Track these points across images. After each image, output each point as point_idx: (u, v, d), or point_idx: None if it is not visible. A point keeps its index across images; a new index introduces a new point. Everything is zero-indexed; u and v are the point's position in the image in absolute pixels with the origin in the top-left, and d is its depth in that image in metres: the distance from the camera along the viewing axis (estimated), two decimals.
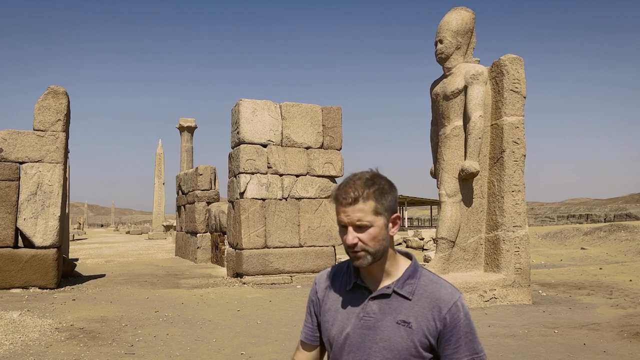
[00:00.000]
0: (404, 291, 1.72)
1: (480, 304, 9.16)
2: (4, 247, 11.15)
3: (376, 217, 1.64)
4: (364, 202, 1.62)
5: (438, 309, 1.67)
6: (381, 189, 1.65)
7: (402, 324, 1.69)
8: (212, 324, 7.71)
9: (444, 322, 1.66)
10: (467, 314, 1.69)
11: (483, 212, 9.97)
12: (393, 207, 1.68)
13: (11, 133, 11.57)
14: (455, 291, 1.71)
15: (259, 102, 13.44)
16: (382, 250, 1.68)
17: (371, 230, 1.64)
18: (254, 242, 12.85)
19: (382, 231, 1.65)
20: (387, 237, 1.69)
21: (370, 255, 1.66)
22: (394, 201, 1.68)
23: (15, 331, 6.91)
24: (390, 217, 1.68)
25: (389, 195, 1.66)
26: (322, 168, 13.79)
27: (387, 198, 1.65)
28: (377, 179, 1.68)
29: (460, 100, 9.72)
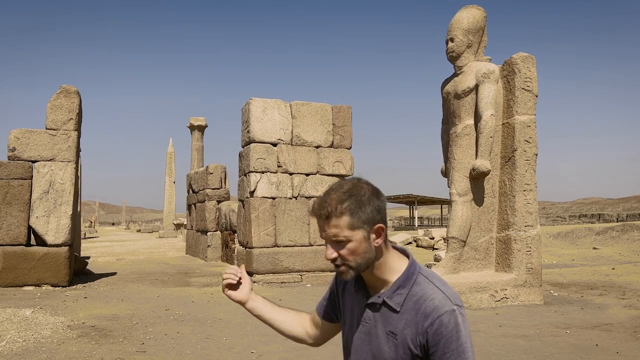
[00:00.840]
0: (392, 302, 1.66)
1: (492, 304, 9.11)
2: (16, 245, 11.24)
3: (352, 232, 1.58)
4: (337, 218, 1.57)
5: (422, 322, 1.60)
6: (358, 202, 1.58)
7: (390, 334, 1.66)
8: (222, 323, 7.73)
9: (426, 337, 1.59)
10: (454, 329, 1.56)
11: (494, 212, 9.91)
12: (373, 219, 1.60)
13: (24, 132, 11.67)
14: (445, 303, 1.59)
15: (269, 101, 13.45)
16: (365, 263, 1.63)
17: (349, 245, 1.59)
18: (264, 240, 12.86)
19: (361, 244, 1.59)
20: (370, 249, 1.62)
21: (352, 269, 1.63)
22: (376, 211, 1.61)
23: (28, 328, 6.97)
24: (371, 228, 1.60)
25: (367, 207, 1.59)
26: (332, 167, 13.77)
27: (364, 210, 1.58)
28: (356, 190, 1.61)
29: (472, 99, 9.66)
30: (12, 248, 11.18)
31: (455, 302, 1.60)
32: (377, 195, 1.63)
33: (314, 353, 5.78)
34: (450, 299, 1.60)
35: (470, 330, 1.56)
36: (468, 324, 1.63)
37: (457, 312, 1.59)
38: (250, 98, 13.33)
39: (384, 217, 1.63)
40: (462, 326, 1.58)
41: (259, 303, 2.06)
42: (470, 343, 1.60)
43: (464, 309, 1.63)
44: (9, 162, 11.44)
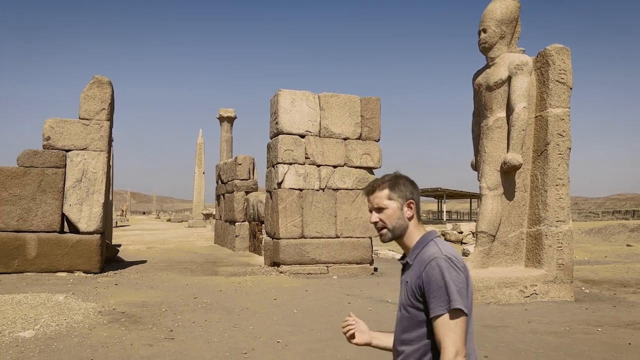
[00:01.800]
0: (410, 259, 2.11)
1: (520, 300, 8.97)
2: (50, 232, 11.53)
3: (390, 202, 2.11)
4: (379, 191, 2.13)
5: (421, 268, 1.99)
6: (395, 182, 2.14)
7: (404, 283, 2.11)
8: (249, 312, 7.79)
9: (421, 279, 1.96)
10: (441, 272, 1.91)
11: (525, 206, 9.74)
12: (406, 196, 2.12)
13: (58, 121, 11.93)
14: (437, 253, 1.96)
15: (298, 92, 13.45)
16: (399, 227, 2.12)
17: (387, 211, 2.11)
18: (291, 231, 12.91)
19: (396, 212, 2.11)
20: (403, 217, 2.11)
21: (389, 231, 2.12)
22: (408, 192, 2.12)
23: (61, 313, 7.15)
24: (404, 202, 2.11)
25: (402, 186, 2.12)
26: (360, 159, 13.71)
27: (400, 188, 2.12)
28: (395, 176, 2.18)
29: (504, 91, 9.49)
30: (46, 235, 11.47)
31: (445, 253, 1.96)
32: (411, 182, 2.17)
33: (340, 344, 5.79)
34: (442, 251, 1.97)
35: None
36: (459, 272, 1.93)
37: (444, 259, 1.93)
38: (279, 89, 13.35)
39: (416, 198, 2.14)
40: (446, 269, 1.91)
41: (381, 337, 2.31)
42: (457, 285, 1.89)
43: (457, 261, 1.94)
44: (44, 151, 11.72)
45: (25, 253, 11.29)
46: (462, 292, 1.88)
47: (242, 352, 5.61)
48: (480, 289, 8.77)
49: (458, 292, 1.86)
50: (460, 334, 1.86)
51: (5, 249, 11.19)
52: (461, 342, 1.86)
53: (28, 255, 11.30)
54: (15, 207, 11.37)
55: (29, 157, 11.60)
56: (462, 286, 1.90)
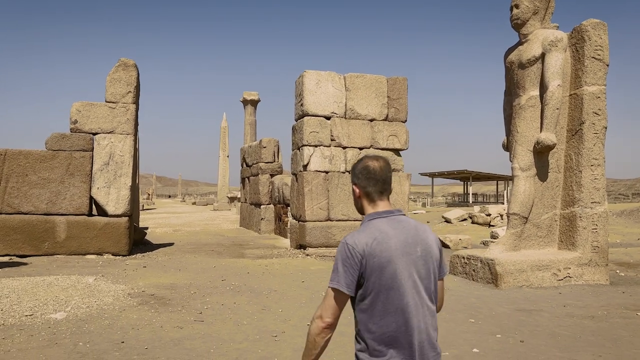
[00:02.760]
0: None
1: (554, 283, 8.75)
2: (79, 215, 11.64)
3: (352, 185, 2.43)
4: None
5: None
6: (353, 167, 2.44)
7: None
8: (277, 294, 7.74)
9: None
10: (337, 253, 2.23)
11: (559, 187, 9.47)
12: (354, 181, 2.41)
13: (84, 105, 11.97)
14: (343, 239, 2.24)
15: (323, 73, 13.26)
16: (356, 205, 2.44)
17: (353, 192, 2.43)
18: (316, 214, 12.83)
19: (353, 193, 2.42)
20: (354, 197, 2.42)
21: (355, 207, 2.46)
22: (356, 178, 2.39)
23: (91, 295, 7.19)
24: (354, 185, 2.41)
25: (355, 171, 2.41)
26: (387, 141, 13.51)
27: (354, 173, 2.41)
28: (355, 163, 2.44)
29: (537, 69, 9.18)
30: (75, 218, 11.58)
31: (346, 239, 2.22)
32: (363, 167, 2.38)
33: None
34: (346, 236, 2.25)
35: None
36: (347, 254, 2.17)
37: (342, 243, 2.22)
38: (304, 70, 13.18)
39: (360, 182, 2.36)
40: (338, 251, 2.22)
41: None
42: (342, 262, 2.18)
43: (352, 246, 2.17)
44: (72, 135, 11.79)
45: (55, 236, 11.42)
46: (347, 272, 2.15)
47: (272, 334, 5.55)
48: (513, 272, 8.58)
49: (343, 271, 2.15)
50: (327, 302, 2.18)
51: (36, 232, 11.33)
52: (326, 310, 2.18)
53: (58, 237, 11.43)
54: (44, 190, 11.49)
55: (57, 140, 11.68)
56: (350, 266, 2.15)
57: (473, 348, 5.12)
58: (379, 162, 2.34)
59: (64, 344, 5.10)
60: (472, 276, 9.19)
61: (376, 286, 2.15)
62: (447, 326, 5.97)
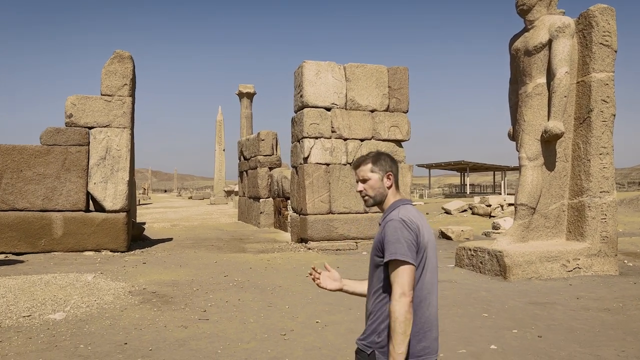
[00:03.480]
0: (381, 221, 2.41)
1: (563, 274, 8.58)
2: (76, 211, 11.39)
3: (372, 174, 2.44)
4: (364, 165, 2.47)
5: (383, 228, 2.31)
6: (377, 157, 2.47)
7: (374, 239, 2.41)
8: (282, 290, 7.54)
9: (382, 235, 2.29)
10: (393, 227, 2.24)
11: (566, 177, 9.28)
12: (386, 169, 2.45)
13: (80, 98, 11.69)
14: (395, 215, 2.29)
15: (323, 63, 13.01)
16: (379, 195, 2.44)
17: (370, 182, 2.44)
18: (318, 207, 12.62)
19: (377, 182, 2.44)
20: (382, 186, 2.44)
21: (371, 197, 2.46)
22: (388, 165, 2.45)
23: (91, 294, 6.96)
24: (384, 174, 2.44)
25: (382, 161, 2.45)
26: (388, 132, 13.29)
27: (381, 163, 2.45)
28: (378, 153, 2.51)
29: (544, 56, 8.96)
30: (72, 214, 11.34)
31: (401, 216, 2.26)
32: (391, 158, 2.50)
33: None
34: (399, 214, 2.29)
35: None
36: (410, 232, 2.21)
37: (399, 220, 2.25)
38: (304, 61, 12.93)
39: (394, 171, 2.47)
40: (398, 227, 2.23)
41: (351, 284, 2.68)
42: (406, 241, 2.20)
43: (409, 222, 2.24)
44: (67, 129, 11.52)
45: (52, 232, 11.18)
46: (411, 248, 2.20)
47: (280, 333, 5.35)
48: (521, 263, 8.40)
49: (407, 247, 2.19)
50: (407, 279, 2.18)
51: (32, 229, 11.09)
52: (407, 286, 2.18)
53: (54, 234, 11.19)
54: (39, 186, 11.23)
55: (52, 135, 11.41)
56: (411, 243, 2.21)
57: (490, 344, 4.93)
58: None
59: (64, 346, 4.88)
60: (480, 268, 9.01)
61: (424, 261, 2.29)
62: (460, 321, 5.78)
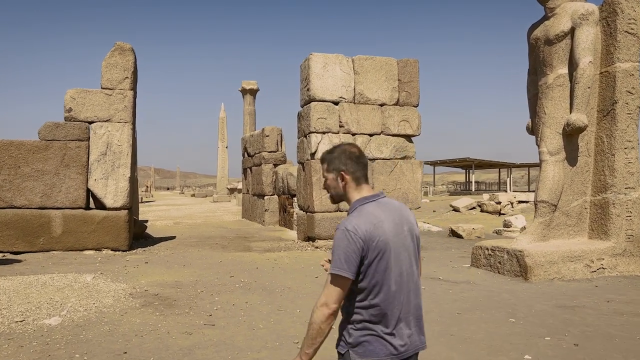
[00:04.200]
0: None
1: (587, 275, 8.15)
2: (76, 209, 10.99)
3: (328, 174, 2.35)
4: (322, 164, 2.40)
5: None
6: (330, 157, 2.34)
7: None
8: (291, 292, 7.12)
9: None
10: (336, 237, 2.16)
11: (589, 172, 8.84)
12: (339, 168, 2.29)
13: (79, 92, 11.28)
14: (341, 225, 2.17)
15: (330, 55, 12.57)
16: (337, 194, 2.35)
17: (328, 181, 2.36)
18: (326, 204, 12.19)
19: (333, 182, 2.34)
20: (338, 186, 2.32)
21: (331, 196, 2.40)
22: (342, 164, 2.29)
23: (89, 296, 6.56)
24: (337, 174, 2.31)
25: (335, 160, 2.31)
26: (398, 127, 12.85)
27: (334, 162, 2.31)
28: (330, 152, 2.37)
29: (566, 45, 8.51)
30: (71, 211, 10.94)
31: (344, 226, 2.14)
32: (346, 153, 2.30)
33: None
34: (345, 222, 2.17)
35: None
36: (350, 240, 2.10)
37: (342, 230, 2.14)
38: (310, 53, 12.50)
39: (351, 167, 2.28)
40: (338, 237, 2.14)
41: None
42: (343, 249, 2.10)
43: (352, 232, 2.11)
44: (66, 123, 11.11)
45: (51, 230, 10.78)
46: (349, 259, 2.10)
47: (293, 341, 4.93)
48: (543, 264, 7.96)
49: (345, 259, 2.10)
50: (334, 292, 2.14)
51: (30, 227, 10.69)
52: (332, 298, 2.14)
53: (53, 232, 10.79)
54: (38, 182, 10.83)
55: (51, 130, 11.00)
56: (350, 254, 2.10)
57: (524, 354, 4.50)
58: (357, 148, 2.37)
59: (58, 355, 4.47)
60: (498, 269, 8.58)
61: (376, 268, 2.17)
62: (487, 328, 5.35)
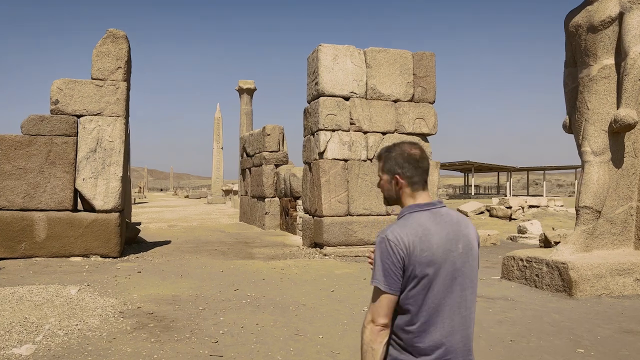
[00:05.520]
0: None
1: (637, 290, 7.23)
2: (62, 211, 9.97)
3: (382, 174, 2.20)
4: (379, 162, 2.24)
5: None
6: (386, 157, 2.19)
7: None
8: (308, 310, 6.16)
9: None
10: (376, 246, 2.00)
11: (635, 175, 7.93)
12: (394, 170, 2.15)
13: (67, 82, 10.27)
14: (381, 233, 2.00)
15: (341, 47, 11.63)
16: (390, 197, 2.20)
17: (381, 181, 2.21)
18: (335, 208, 11.24)
19: (386, 184, 2.19)
20: (391, 189, 2.17)
21: (385, 198, 2.24)
22: (397, 167, 2.13)
23: (72, 315, 5.57)
24: (391, 177, 2.16)
25: (392, 161, 2.16)
26: (413, 125, 11.91)
27: (389, 163, 2.16)
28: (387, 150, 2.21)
29: (613, 32, 7.61)
30: (57, 214, 9.92)
31: (385, 234, 1.98)
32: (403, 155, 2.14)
33: None
34: (387, 230, 2.00)
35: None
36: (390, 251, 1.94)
37: (382, 239, 1.98)
38: (320, 44, 11.55)
39: (405, 172, 2.12)
40: (378, 247, 1.99)
41: None
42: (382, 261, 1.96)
43: (394, 242, 1.94)
44: (52, 117, 10.09)
45: (34, 235, 9.76)
46: (388, 272, 1.94)
47: None
48: (589, 278, 7.04)
49: (383, 272, 1.94)
50: (379, 307, 1.95)
51: (10, 231, 9.66)
52: (378, 313, 1.95)
53: (37, 237, 9.77)
54: (20, 182, 9.81)
55: (35, 123, 9.98)
56: (389, 267, 1.94)
57: None
58: (419, 149, 2.16)
59: None
60: (535, 282, 7.65)
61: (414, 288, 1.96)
62: None
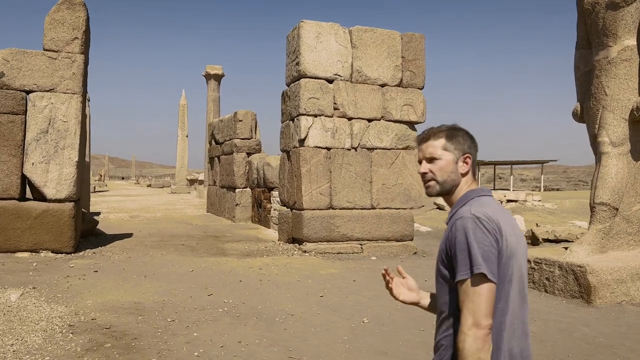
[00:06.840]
0: (448, 220, 1.86)
1: None
2: (6, 199, 8.72)
3: (445, 152, 1.87)
4: (435, 140, 1.89)
5: (449, 230, 1.78)
6: (453, 133, 1.90)
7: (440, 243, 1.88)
8: (297, 322, 5.20)
9: (448, 241, 1.75)
10: (465, 233, 1.67)
11: None
12: (464, 149, 1.88)
13: (15, 53, 8.99)
14: (465, 213, 1.72)
15: (325, 24, 10.63)
16: (450, 181, 1.87)
17: (439, 162, 1.87)
18: (316, 201, 10.28)
19: (449, 165, 1.87)
20: (455, 171, 1.87)
21: (438, 183, 1.88)
22: (467, 145, 1.88)
23: (9, 331, 4.47)
24: (460, 156, 1.88)
25: (460, 138, 1.89)
26: (400, 111, 11.03)
27: (458, 140, 1.88)
28: (454, 127, 1.93)
29: (636, 10, 6.85)
30: (1, 203, 8.67)
31: (474, 212, 1.70)
32: (470, 136, 1.93)
33: None
34: (471, 210, 1.73)
35: None
36: (486, 234, 1.65)
37: (471, 218, 1.69)
38: (301, 20, 10.53)
39: (474, 153, 1.91)
40: (470, 228, 1.67)
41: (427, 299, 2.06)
42: (482, 248, 1.63)
43: (485, 221, 1.67)
44: None
45: None
46: (488, 257, 1.64)
47: None
48: (609, 282, 6.30)
49: (482, 256, 1.63)
50: (481, 302, 1.61)
51: None
52: (481, 312, 1.61)
53: None
54: None
55: None
56: (489, 249, 1.65)
57: None
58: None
59: None
60: (545, 287, 6.88)
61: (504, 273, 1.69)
62: None
